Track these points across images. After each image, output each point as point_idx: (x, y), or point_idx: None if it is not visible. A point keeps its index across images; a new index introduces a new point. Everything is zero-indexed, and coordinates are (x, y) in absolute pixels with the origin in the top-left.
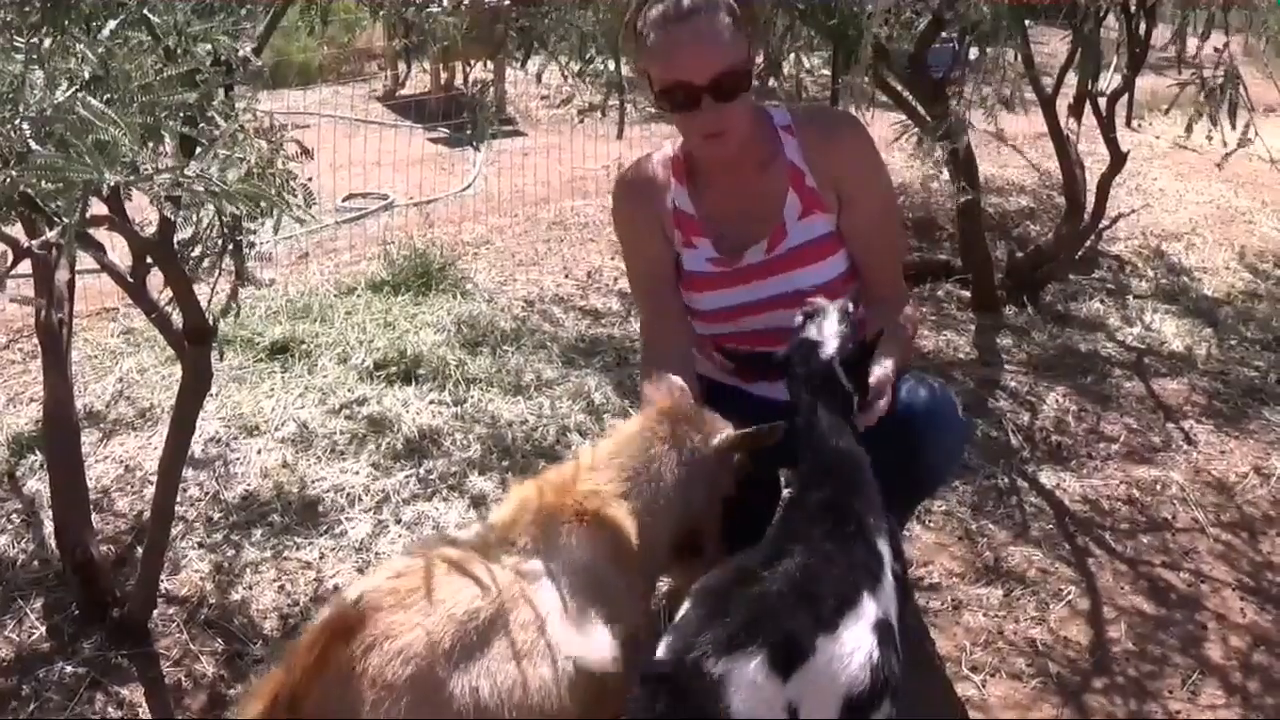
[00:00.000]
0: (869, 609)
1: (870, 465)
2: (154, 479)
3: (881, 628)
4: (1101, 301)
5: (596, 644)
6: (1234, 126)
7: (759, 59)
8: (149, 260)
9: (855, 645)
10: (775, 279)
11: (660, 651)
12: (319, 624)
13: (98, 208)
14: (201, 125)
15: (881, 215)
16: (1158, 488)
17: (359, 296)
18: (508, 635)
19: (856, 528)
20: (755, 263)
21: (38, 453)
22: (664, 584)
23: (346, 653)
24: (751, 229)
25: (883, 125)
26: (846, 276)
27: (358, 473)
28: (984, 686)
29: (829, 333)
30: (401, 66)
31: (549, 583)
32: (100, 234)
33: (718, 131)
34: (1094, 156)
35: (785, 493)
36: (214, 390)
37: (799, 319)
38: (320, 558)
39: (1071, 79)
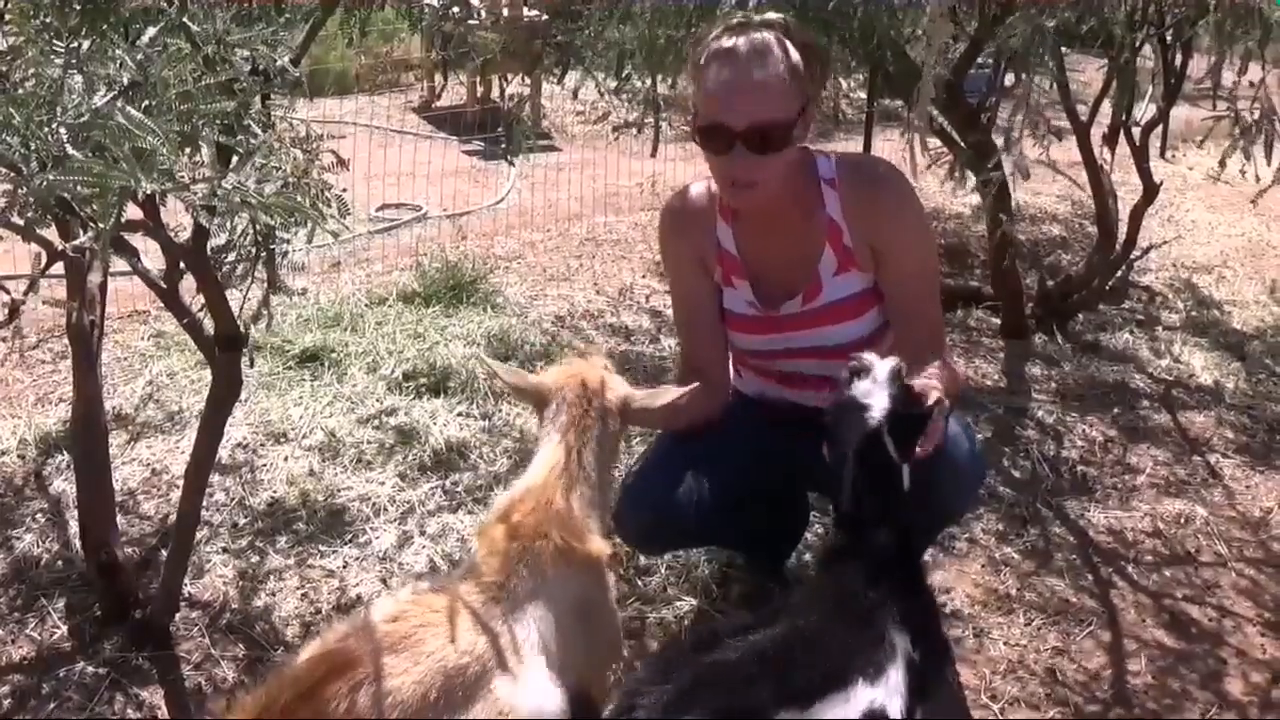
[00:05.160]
0: (860, 696)
1: (909, 547)
2: (180, 483)
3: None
4: (1131, 332)
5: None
6: (1269, 163)
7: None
8: (182, 266)
9: None
10: (808, 332)
11: (606, 711)
12: (309, 656)
13: (133, 212)
14: (238, 135)
15: (917, 272)
16: (1182, 521)
17: (390, 307)
18: (491, 693)
19: (868, 612)
20: (790, 314)
21: (65, 453)
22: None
23: (334, 688)
24: (788, 279)
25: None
26: (878, 333)
27: (384, 483)
28: (1003, 715)
29: (877, 396)
30: (438, 78)
31: (536, 629)
32: (134, 238)
33: (744, 182)
34: (1127, 187)
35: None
36: (243, 397)
37: (844, 374)
38: (344, 567)
39: (1106, 108)
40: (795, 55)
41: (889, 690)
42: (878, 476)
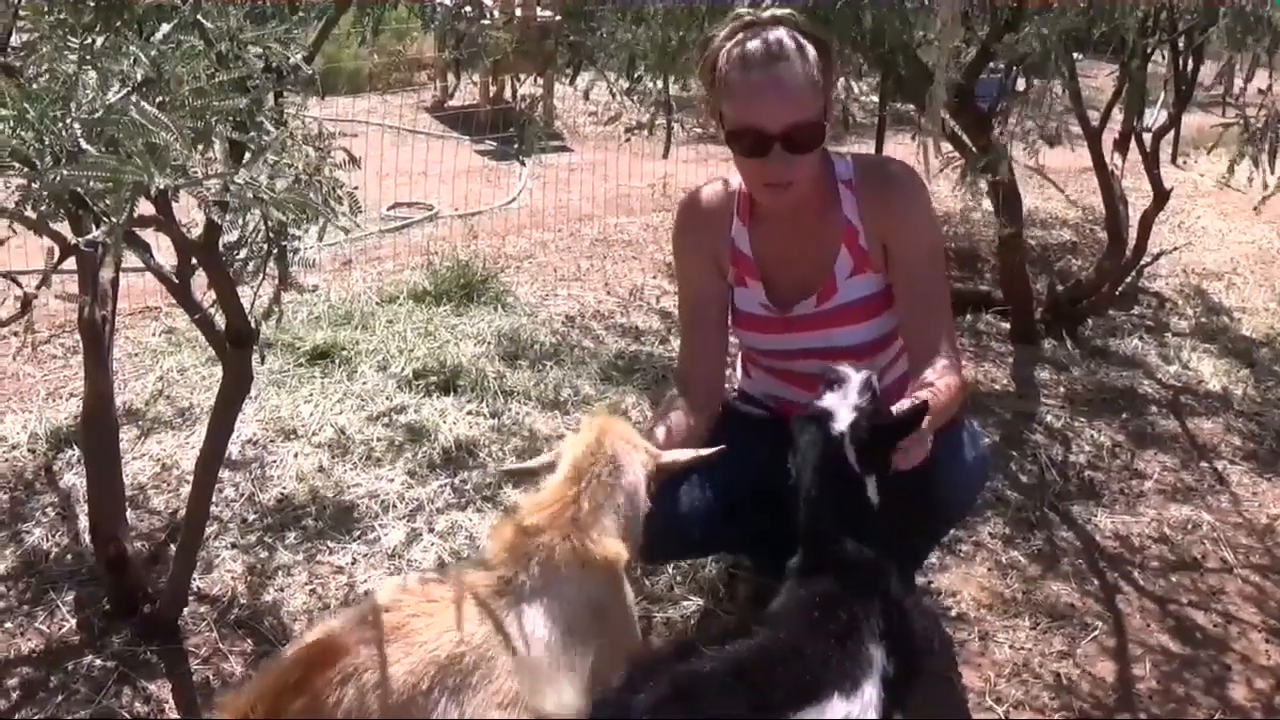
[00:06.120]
0: (836, 709)
1: (879, 561)
2: (190, 478)
3: None
4: (1140, 338)
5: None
6: (1273, 170)
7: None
8: (194, 262)
9: None
10: (820, 333)
11: None
12: (300, 647)
13: (145, 207)
14: (251, 132)
15: (925, 264)
16: (1189, 527)
17: (401, 305)
18: (487, 685)
19: (845, 626)
20: (802, 315)
21: (75, 447)
22: None
23: (323, 679)
24: (803, 278)
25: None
26: (886, 338)
27: (393, 480)
28: (1008, 718)
29: (843, 407)
30: (451, 78)
31: (542, 626)
32: (146, 233)
33: (782, 183)
34: (1138, 193)
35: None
36: (253, 393)
37: (821, 390)
38: (352, 563)
39: (1117, 114)
40: (813, 52)
41: (865, 705)
42: (839, 487)
